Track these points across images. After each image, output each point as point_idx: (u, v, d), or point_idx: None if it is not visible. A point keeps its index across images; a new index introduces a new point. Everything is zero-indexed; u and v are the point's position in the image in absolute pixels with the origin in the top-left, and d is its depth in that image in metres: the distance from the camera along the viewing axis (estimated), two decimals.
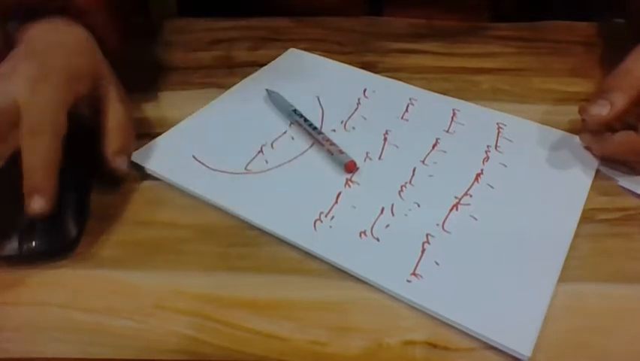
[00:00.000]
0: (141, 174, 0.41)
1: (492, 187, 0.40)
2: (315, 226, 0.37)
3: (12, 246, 0.34)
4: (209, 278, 0.35)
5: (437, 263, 0.35)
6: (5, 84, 0.36)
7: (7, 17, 0.41)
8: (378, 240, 0.36)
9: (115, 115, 0.39)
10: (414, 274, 0.34)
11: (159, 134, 0.44)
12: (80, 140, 0.36)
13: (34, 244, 0.35)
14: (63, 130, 0.35)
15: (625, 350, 0.31)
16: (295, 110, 0.45)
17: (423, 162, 0.42)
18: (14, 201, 0.35)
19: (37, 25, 0.40)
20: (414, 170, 0.41)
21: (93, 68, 0.39)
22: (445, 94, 0.49)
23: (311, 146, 0.43)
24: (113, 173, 0.39)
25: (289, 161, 0.42)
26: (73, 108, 0.37)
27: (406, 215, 0.38)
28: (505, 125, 0.46)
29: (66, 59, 0.38)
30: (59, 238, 0.35)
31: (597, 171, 0.42)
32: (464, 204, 0.39)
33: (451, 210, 0.38)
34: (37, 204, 0.33)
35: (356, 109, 0.47)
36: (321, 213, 0.38)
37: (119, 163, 0.38)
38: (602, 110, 0.39)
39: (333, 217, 0.38)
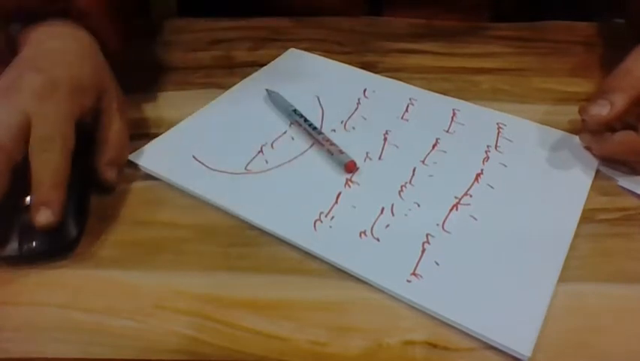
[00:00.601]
0: (141, 174, 0.41)
1: (492, 187, 0.40)
2: (315, 226, 0.37)
3: (12, 246, 0.34)
4: (209, 278, 0.35)
5: (437, 263, 0.35)
6: (12, 99, 0.36)
7: (8, 20, 0.41)
8: (378, 240, 0.36)
9: (111, 128, 0.40)
10: (414, 274, 0.34)
11: (159, 134, 0.44)
12: (79, 142, 0.36)
13: (34, 244, 0.35)
14: (72, 144, 0.36)
15: (625, 350, 0.31)
16: (295, 110, 0.45)
17: (423, 162, 0.42)
18: (14, 202, 0.35)
19: (39, 29, 0.41)
20: (414, 170, 0.41)
21: (97, 80, 0.40)
22: (445, 94, 0.49)
23: (311, 146, 0.43)
24: (103, 183, 0.39)
25: (289, 161, 0.42)
26: (79, 121, 0.37)
27: (406, 215, 0.38)
28: (505, 125, 0.46)
29: (70, 70, 0.38)
30: (59, 239, 0.35)
31: (597, 171, 0.42)
32: (464, 204, 0.39)
33: (451, 210, 0.38)
34: (43, 217, 0.34)
35: (356, 109, 0.47)
36: (321, 213, 0.38)
37: (110, 175, 0.39)
38: (602, 111, 0.39)
39: (333, 217, 0.38)
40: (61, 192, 0.34)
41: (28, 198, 0.35)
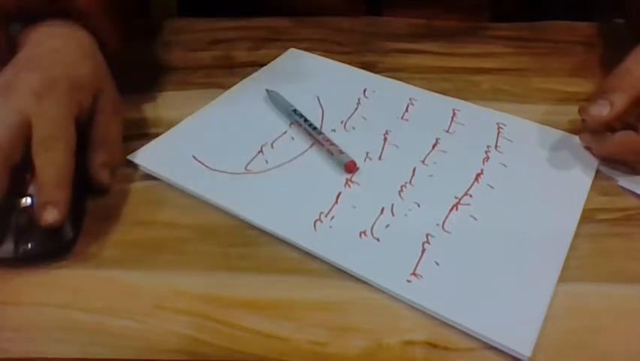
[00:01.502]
0: (141, 174, 0.41)
1: (492, 187, 0.40)
2: (315, 226, 0.37)
3: (7, 248, 0.34)
4: (209, 278, 0.35)
5: (437, 263, 0.35)
6: (10, 99, 0.36)
7: (8, 20, 0.41)
8: (378, 240, 0.36)
9: (106, 129, 0.39)
10: (414, 274, 0.34)
11: (159, 134, 0.44)
12: (77, 142, 0.36)
13: (29, 245, 0.34)
14: (74, 143, 0.36)
15: (625, 350, 0.31)
16: (295, 110, 0.45)
17: (423, 162, 0.42)
18: (9, 202, 0.35)
19: (39, 29, 0.41)
20: (414, 170, 0.41)
21: (95, 80, 0.40)
22: (445, 94, 0.49)
23: (311, 146, 0.43)
24: (96, 184, 0.39)
25: (289, 161, 0.42)
26: (77, 119, 0.37)
27: (406, 215, 0.38)
28: (505, 125, 0.46)
29: (69, 69, 0.38)
30: (55, 240, 0.35)
31: (597, 171, 0.42)
32: (464, 204, 0.39)
33: (451, 210, 0.38)
34: (50, 216, 0.34)
35: (356, 109, 0.47)
36: (321, 213, 0.38)
37: (103, 176, 0.39)
38: (602, 111, 0.39)
39: (333, 217, 0.38)
40: (67, 192, 0.34)
41: (23, 200, 0.35)
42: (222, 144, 0.43)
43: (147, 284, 0.34)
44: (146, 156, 0.42)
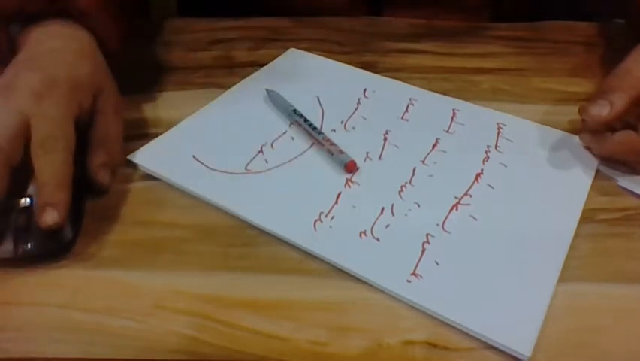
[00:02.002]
0: (141, 174, 0.41)
1: (492, 187, 0.40)
2: (315, 226, 0.37)
3: (6, 248, 0.34)
4: (209, 278, 0.35)
5: (437, 263, 0.35)
6: (10, 99, 0.36)
7: (9, 20, 0.41)
8: (378, 240, 0.36)
9: (106, 129, 0.39)
10: (414, 274, 0.34)
11: (159, 134, 0.44)
12: (76, 142, 0.36)
13: (28, 246, 0.34)
14: (73, 143, 0.36)
15: (625, 350, 0.31)
16: (295, 110, 0.45)
17: (423, 162, 0.42)
18: (8, 203, 0.35)
19: (39, 29, 0.41)
20: (414, 170, 0.41)
21: (95, 80, 0.40)
22: (445, 94, 0.49)
23: (311, 146, 0.43)
24: (96, 184, 0.39)
25: (289, 161, 0.42)
26: (77, 120, 0.37)
27: (406, 215, 0.38)
28: (505, 125, 0.46)
29: (69, 69, 0.38)
30: (55, 240, 0.35)
31: (597, 171, 0.42)
32: (464, 204, 0.39)
33: (451, 210, 0.38)
34: (50, 218, 0.34)
35: (356, 109, 0.47)
36: (321, 213, 0.38)
37: (102, 176, 0.39)
38: (602, 111, 0.39)
39: (333, 217, 0.38)
40: (66, 193, 0.34)
41: (22, 200, 0.35)
42: (222, 144, 0.43)
43: (147, 284, 0.34)
44: (145, 156, 0.42)
